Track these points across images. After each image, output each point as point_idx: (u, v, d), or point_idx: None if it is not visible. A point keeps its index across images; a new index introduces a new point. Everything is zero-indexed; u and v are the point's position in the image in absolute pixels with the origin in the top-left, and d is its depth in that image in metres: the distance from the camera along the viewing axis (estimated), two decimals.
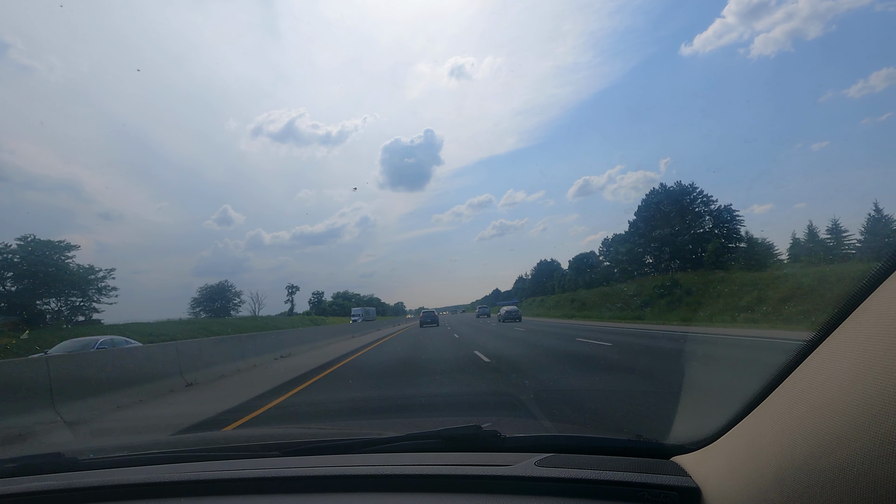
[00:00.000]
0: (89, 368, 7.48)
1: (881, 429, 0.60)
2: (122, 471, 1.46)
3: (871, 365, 0.65)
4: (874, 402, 0.62)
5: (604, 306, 42.95)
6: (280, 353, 15.02)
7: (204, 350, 11.04)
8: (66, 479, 1.40)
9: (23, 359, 9.71)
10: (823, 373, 0.76)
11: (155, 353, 9.63)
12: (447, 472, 1.26)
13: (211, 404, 7.23)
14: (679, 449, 1.28)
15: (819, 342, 0.81)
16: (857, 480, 0.63)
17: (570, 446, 1.43)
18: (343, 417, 6.14)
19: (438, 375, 9.08)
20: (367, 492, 1.24)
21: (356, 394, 7.91)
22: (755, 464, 0.86)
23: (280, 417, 6.44)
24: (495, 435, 1.43)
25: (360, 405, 6.79)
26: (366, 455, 1.47)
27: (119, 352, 10.22)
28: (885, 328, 0.65)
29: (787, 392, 0.86)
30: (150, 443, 2.02)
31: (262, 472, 1.34)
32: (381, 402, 6.88)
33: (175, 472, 1.42)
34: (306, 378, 10.10)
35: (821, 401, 0.73)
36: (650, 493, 1.10)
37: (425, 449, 1.44)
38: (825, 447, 0.69)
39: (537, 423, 3.81)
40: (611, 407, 5.62)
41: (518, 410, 5.58)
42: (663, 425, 4.38)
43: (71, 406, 6.65)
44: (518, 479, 1.19)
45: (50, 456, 1.56)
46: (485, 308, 64.09)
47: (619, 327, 24.51)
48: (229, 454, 1.55)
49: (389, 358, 13.61)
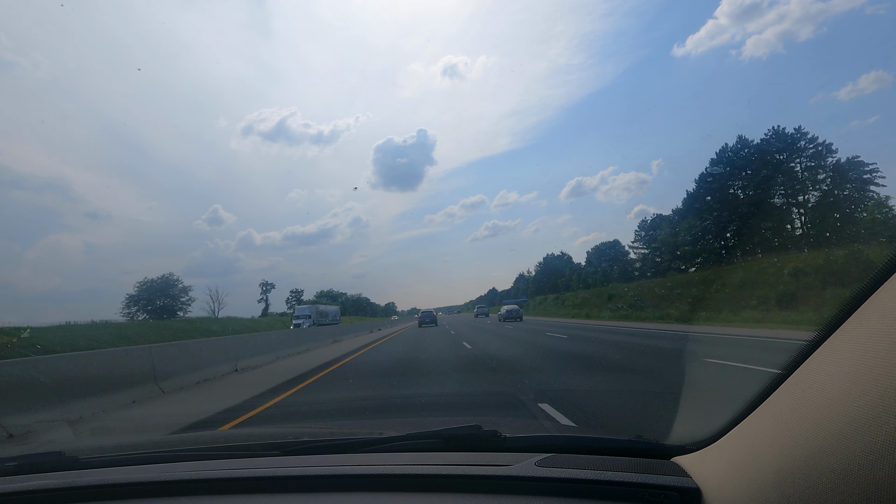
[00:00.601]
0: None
1: (883, 430, 0.60)
2: (122, 469, 1.46)
3: (873, 365, 0.64)
4: (876, 403, 0.62)
5: (649, 304, 34.12)
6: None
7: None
8: (66, 478, 1.40)
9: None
10: (825, 373, 0.76)
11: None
12: (447, 472, 1.26)
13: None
14: (680, 449, 1.28)
15: (820, 342, 0.81)
16: (859, 481, 0.63)
17: (570, 446, 1.43)
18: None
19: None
20: (367, 491, 1.24)
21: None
22: (756, 464, 0.86)
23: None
24: (495, 435, 1.43)
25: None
26: (366, 455, 1.47)
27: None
28: (887, 328, 0.65)
29: (788, 392, 0.86)
30: (151, 442, 2.03)
31: (262, 472, 1.34)
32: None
33: (175, 470, 1.42)
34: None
35: (822, 401, 0.73)
36: (650, 494, 1.09)
37: (425, 449, 1.44)
38: (826, 448, 0.68)
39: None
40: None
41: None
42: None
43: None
44: (518, 479, 1.19)
45: (50, 454, 1.56)
46: (483, 308, 62.99)
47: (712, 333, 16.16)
48: (229, 453, 1.55)
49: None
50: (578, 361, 10.51)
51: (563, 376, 8.31)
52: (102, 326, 37.64)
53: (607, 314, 37.98)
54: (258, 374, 11.36)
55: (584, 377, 8.21)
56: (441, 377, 9.20)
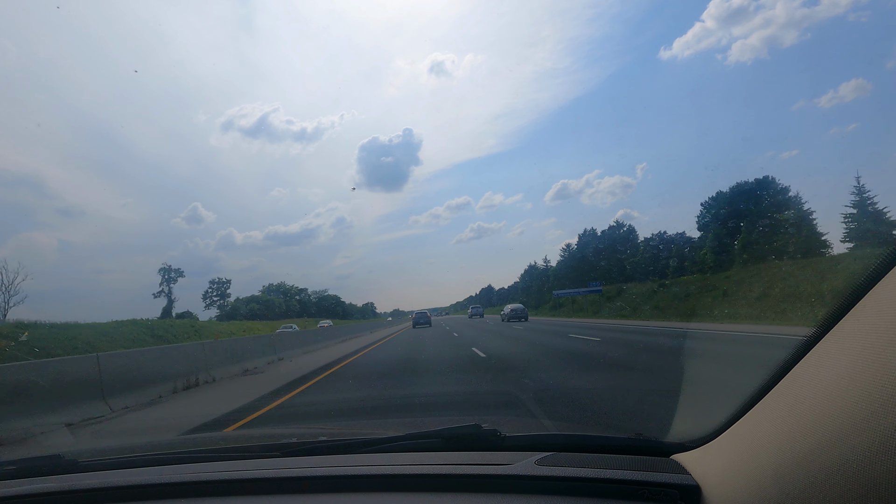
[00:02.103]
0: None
1: (880, 425, 0.60)
2: (122, 472, 1.46)
3: (870, 362, 0.65)
4: (873, 399, 0.62)
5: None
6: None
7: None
8: (66, 481, 1.40)
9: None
10: (822, 369, 0.76)
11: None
12: (447, 472, 1.26)
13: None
14: (679, 447, 1.28)
15: (818, 339, 0.81)
16: (858, 477, 0.63)
17: (570, 445, 1.43)
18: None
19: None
20: (368, 492, 1.24)
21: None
22: (755, 461, 0.86)
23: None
24: (495, 434, 1.43)
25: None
26: (366, 455, 1.47)
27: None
28: (885, 324, 0.65)
29: (787, 389, 0.86)
30: (150, 444, 2.02)
31: (262, 473, 1.34)
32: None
33: (175, 473, 1.41)
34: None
35: (820, 398, 0.73)
36: (650, 492, 1.10)
37: (425, 448, 1.44)
38: (824, 444, 0.69)
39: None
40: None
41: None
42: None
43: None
44: (518, 478, 1.19)
45: (50, 458, 1.55)
46: (478, 307, 61.92)
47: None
48: (229, 455, 1.55)
49: None
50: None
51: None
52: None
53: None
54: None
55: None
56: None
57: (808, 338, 0.83)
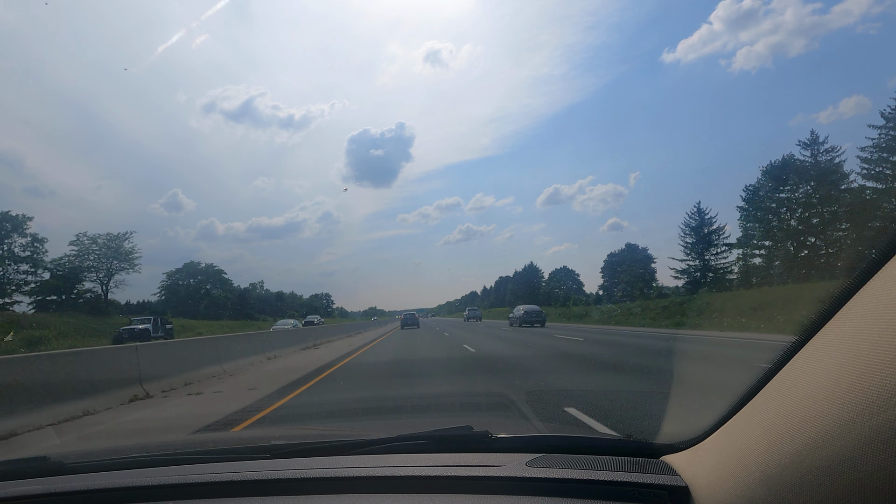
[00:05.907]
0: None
1: (866, 426, 0.61)
2: (109, 474, 1.44)
3: (857, 363, 0.65)
4: (859, 401, 0.63)
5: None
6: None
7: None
8: (51, 484, 1.38)
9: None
10: (809, 372, 0.77)
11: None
12: (438, 473, 1.26)
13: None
14: (669, 448, 1.30)
15: (805, 341, 0.82)
16: (844, 477, 0.64)
17: (561, 446, 1.43)
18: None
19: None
20: (359, 493, 1.24)
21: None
22: (743, 462, 0.87)
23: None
24: (486, 435, 1.44)
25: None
26: (356, 456, 1.47)
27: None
28: (870, 327, 0.66)
29: (775, 391, 0.87)
30: (138, 446, 2.00)
31: (252, 475, 1.33)
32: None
33: (163, 475, 1.40)
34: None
35: (807, 399, 0.74)
36: (640, 493, 1.11)
37: (416, 450, 1.44)
38: (811, 445, 0.69)
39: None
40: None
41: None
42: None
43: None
44: (509, 480, 1.19)
45: (35, 460, 1.53)
46: (475, 310, 60.82)
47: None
48: (218, 457, 1.54)
49: None
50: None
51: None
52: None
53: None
54: None
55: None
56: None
57: (796, 340, 0.84)
